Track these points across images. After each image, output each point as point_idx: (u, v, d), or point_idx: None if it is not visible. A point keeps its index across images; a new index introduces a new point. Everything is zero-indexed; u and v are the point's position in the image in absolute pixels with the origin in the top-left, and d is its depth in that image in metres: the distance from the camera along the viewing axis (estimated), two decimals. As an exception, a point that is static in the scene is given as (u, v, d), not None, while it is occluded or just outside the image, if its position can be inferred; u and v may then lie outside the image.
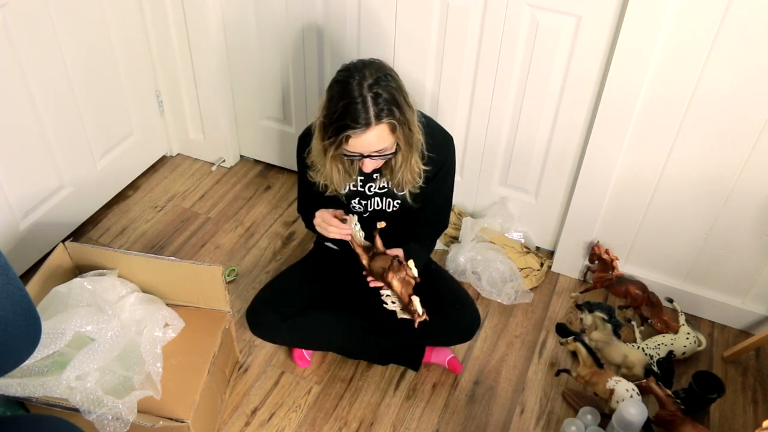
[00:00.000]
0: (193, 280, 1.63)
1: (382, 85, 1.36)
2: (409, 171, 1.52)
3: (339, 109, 1.35)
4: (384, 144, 1.40)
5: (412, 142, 1.46)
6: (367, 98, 1.34)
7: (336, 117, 1.36)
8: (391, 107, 1.36)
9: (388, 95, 1.36)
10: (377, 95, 1.35)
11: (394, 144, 1.43)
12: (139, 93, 2.27)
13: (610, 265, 1.93)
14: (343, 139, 1.37)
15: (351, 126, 1.35)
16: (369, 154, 1.41)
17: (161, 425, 1.42)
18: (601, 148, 1.81)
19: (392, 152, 1.45)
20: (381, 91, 1.36)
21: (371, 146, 1.39)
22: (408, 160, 1.49)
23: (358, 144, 1.38)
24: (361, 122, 1.34)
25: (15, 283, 0.83)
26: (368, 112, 1.34)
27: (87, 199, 2.20)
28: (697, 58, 1.58)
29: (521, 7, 1.72)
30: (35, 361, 1.45)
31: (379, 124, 1.36)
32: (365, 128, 1.35)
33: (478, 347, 1.90)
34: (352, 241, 1.58)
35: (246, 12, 2.11)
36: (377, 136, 1.38)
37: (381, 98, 1.35)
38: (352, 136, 1.36)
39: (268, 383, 1.78)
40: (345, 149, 1.40)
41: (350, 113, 1.34)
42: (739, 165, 1.69)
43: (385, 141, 1.40)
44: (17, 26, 1.74)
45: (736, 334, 1.97)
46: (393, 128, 1.39)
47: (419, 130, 1.48)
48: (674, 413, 1.59)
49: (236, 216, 2.31)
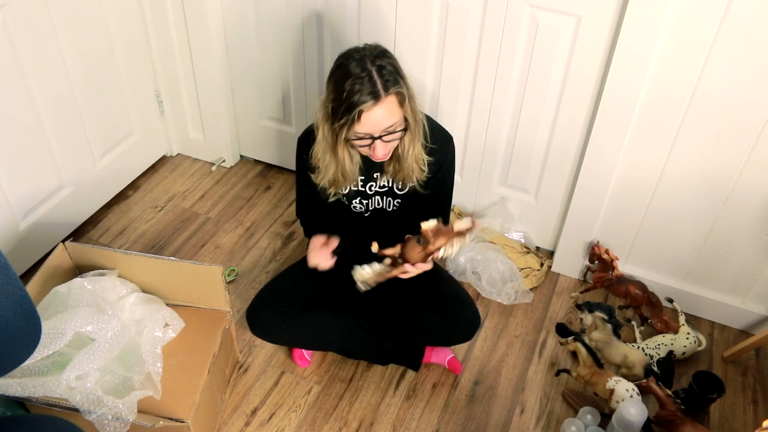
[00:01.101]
0: (193, 280, 1.63)
1: (383, 59, 1.39)
2: (414, 159, 1.52)
3: (347, 89, 1.36)
4: (394, 119, 1.40)
5: (417, 119, 1.47)
6: (372, 72, 1.36)
7: (345, 96, 1.37)
8: (396, 78, 1.39)
9: (392, 67, 1.39)
10: (381, 67, 1.37)
11: (403, 120, 1.43)
12: (139, 93, 2.27)
13: (610, 265, 1.93)
14: (356, 117, 1.36)
15: (362, 100, 1.35)
16: (380, 135, 1.41)
17: (161, 425, 1.42)
18: (601, 148, 1.82)
19: (402, 129, 1.44)
20: (384, 64, 1.38)
21: (382, 122, 1.39)
22: (414, 143, 1.49)
23: (370, 120, 1.38)
24: (372, 95, 1.35)
25: (15, 283, 0.83)
26: (376, 85, 1.36)
27: (87, 199, 2.20)
28: (697, 58, 1.58)
29: (521, 7, 1.72)
30: (35, 361, 1.45)
31: (388, 96, 1.37)
32: (376, 101, 1.36)
33: (478, 347, 1.90)
34: (382, 277, 1.54)
35: (246, 12, 2.11)
36: (387, 110, 1.38)
37: (385, 70, 1.38)
38: (365, 110, 1.36)
39: (268, 383, 1.79)
40: (356, 131, 1.40)
41: (359, 89, 1.35)
42: (739, 165, 1.69)
43: (394, 115, 1.40)
44: (17, 26, 1.74)
45: (736, 334, 1.97)
46: (401, 100, 1.40)
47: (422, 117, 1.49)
48: (674, 413, 1.59)
49: (236, 216, 2.31)
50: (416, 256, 1.48)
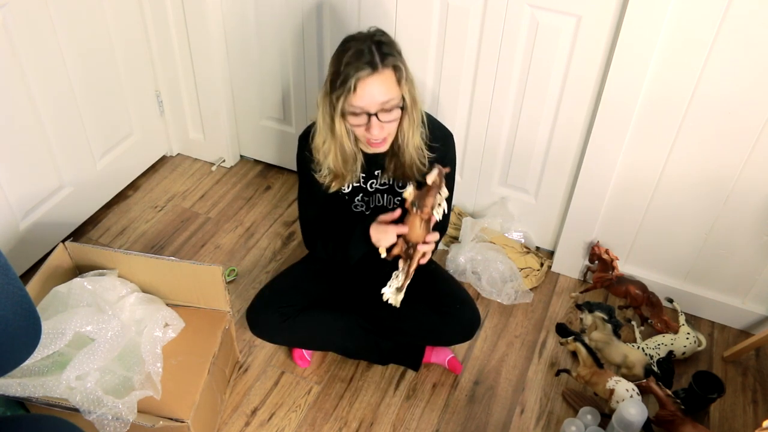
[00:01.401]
0: (193, 280, 1.63)
1: (383, 38, 1.43)
2: (414, 150, 1.52)
3: (345, 61, 1.39)
4: (390, 94, 1.41)
5: (416, 104, 1.47)
6: (371, 47, 1.40)
7: (343, 68, 1.39)
8: (394, 54, 1.41)
9: (391, 46, 1.42)
10: (380, 43, 1.41)
11: (400, 98, 1.44)
12: (139, 93, 2.27)
13: (610, 265, 1.93)
14: (352, 86, 1.38)
15: (359, 68, 1.37)
16: (376, 111, 1.41)
17: (161, 425, 1.42)
18: (601, 148, 1.82)
19: (399, 106, 1.44)
20: (384, 41, 1.42)
21: (378, 95, 1.39)
22: (413, 130, 1.49)
23: (366, 92, 1.38)
24: (369, 65, 1.38)
25: (15, 283, 0.83)
26: (374, 56, 1.38)
27: (87, 199, 2.20)
28: (697, 58, 1.58)
29: (521, 7, 1.72)
30: (35, 361, 1.45)
31: (386, 69, 1.39)
32: (372, 71, 1.37)
33: (478, 347, 1.90)
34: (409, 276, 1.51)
35: (246, 12, 2.11)
36: (384, 83, 1.39)
37: (384, 46, 1.41)
38: (361, 78, 1.37)
39: (268, 383, 1.79)
40: (352, 103, 1.40)
41: (356, 60, 1.38)
42: (739, 165, 1.69)
43: (391, 90, 1.41)
44: (17, 26, 1.74)
45: (736, 334, 1.97)
46: (399, 77, 1.42)
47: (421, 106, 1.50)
48: (674, 413, 1.59)
49: (236, 216, 2.31)
50: (419, 232, 1.47)
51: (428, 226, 1.48)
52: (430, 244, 1.49)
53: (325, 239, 1.66)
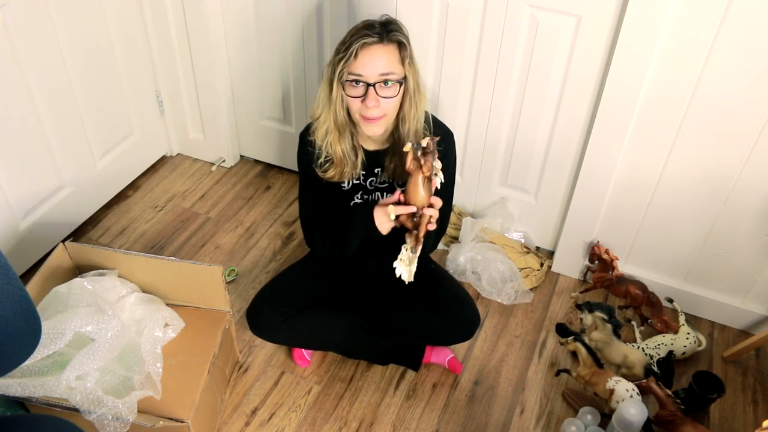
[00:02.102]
0: (193, 280, 1.63)
1: (393, 21, 1.45)
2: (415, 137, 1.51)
3: (352, 32, 1.42)
4: (392, 67, 1.42)
5: (418, 87, 1.48)
6: (377, 21, 1.44)
7: (349, 37, 1.42)
8: (400, 33, 1.43)
9: (400, 27, 1.45)
10: (389, 22, 1.44)
11: (402, 76, 1.44)
12: (139, 93, 2.27)
13: (610, 265, 1.93)
14: (354, 52, 1.39)
15: (364, 34, 1.39)
16: (375, 82, 1.41)
17: (161, 425, 1.42)
18: (601, 148, 1.82)
19: (399, 81, 1.44)
20: (393, 21, 1.45)
21: (379, 65, 1.40)
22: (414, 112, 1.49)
23: (368, 58, 1.39)
24: (376, 35, 1.40)
25: (15, 283, 0.83)
26: (382, 29, 1.42)
27: (87, 199, 2.20)
28: (697, 58, 1.58)
29: (521, 7, 1.72)
30: (35, 361, 1.45)
31: (390, 43, 1.41)
32: (377, 40, 1.39)
33: (478, 347, 1.90)
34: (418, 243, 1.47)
35: (246, 12, 2.11)
36: (386, 54, 1.41)
37: (393, 25, 1.43)
38: (364, 45, 1.39)
39: (268, 383, 1.79)
40: (352, 70, 1.40)
41: (363, 30, 1.41)
42: (739, 165, 1.69)
43: (393, 63, 1.42)
44: (17, 26, 1.74)
45: (736, 334, 1.97)
46: (402, 55, 1.43)
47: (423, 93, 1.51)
48: (674, 413, 1.59)
49: (236, 216, 2.31)
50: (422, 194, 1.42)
51: (430, 189, 1.43)
52: (435, 207, 1.44)
53: (323, 233, 1.65)
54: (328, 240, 1.63)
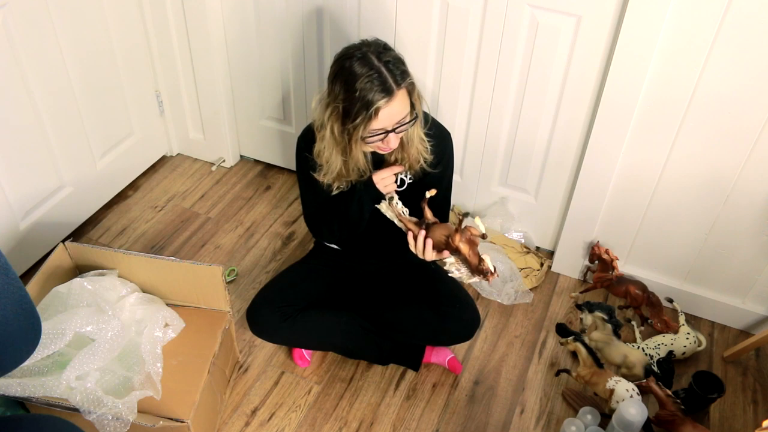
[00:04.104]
0: (193, 280, 1.63)
1: (387, 53, 1.40)
2: (419, 140, 1.53)
3: (359, 88, 1.36)
4: (405, 110, 1.42)
5: (421, 102, 1.48)
6: (381, 69, 1.37)
7: (359, 95, 1.36)
8: (403, 70, 1.40)
9: (397, 60, 1.40)
10: (388, 62, 1.38)
11: (413, 109, 1.44)
12: (139, 93, 2.27)
13: (610, 265, 1.93)
14: (372, 114, 1.37)
15: (378, 98, 1.36)
16: (393, 128, 1.41)
17: (161, 425, 1.42)
18: (601, 148, 1.82)
19: (412, 119, 1.44)
20: (389, 59, 1.39)
21: (397, 115, 1.40)
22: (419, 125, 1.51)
23: (386, 115, 1.39)
24: (386, 91, 1.36)
25: (15, 283, 0.83)
26: (387, 80, 1.37)
27: (87, 199, 2.20)
28: (697, 58, 1.58)
29: (521, 7, 1.72)
30: (35, 361, 1.45)
31: (400, 90, 1.39)
32: (390, 96, 1.37)
33: (478, 347, 1.90)
34: (401, 220, 1.52)
35: (246, 12, 2.11)
36: (401, 103, 1.40)
37: (392, 64, 1.38)
38: (381, 107, 1.36)
39: (268, 383, 1.79)
40: (371, 127, 1.40)
41: (374, 86, 1.36)
42: (739, 165, 1.69)
43: (406, 107, 1.42)
44: (17, 26, 1.74)
45: (736, 334, 1.97)
46: (410, 91, 1.42)
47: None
48: (674, 413, 1.59)
49: (236, 216, 2.31)
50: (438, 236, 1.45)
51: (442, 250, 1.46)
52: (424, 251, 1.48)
53: (329, 221, 1.65)
54: (336, 225, 1.64)
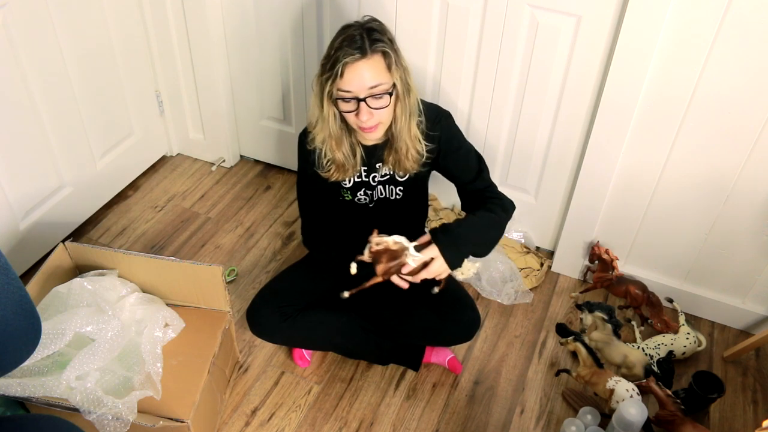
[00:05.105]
0: (193, 280, 1.63)
1: (375, 25, 1.43)
2: (410, 137, 1.51)
3: (335, 45, 1.40)
4: (379, 79, 1.40)
5: (409, 90, 1.47)
6: (363, 33, 1.40)
7: (333, 52, 1.40)
8: (384, 40, 1.41)
9: (381, 32, 1.42)
10: (371, 30, 1.41)
11: (391, 84, 1.43)
12: (139, 93, 2.27)
13: (610, 265, 1.93)
14: (339, 71, 1.38)
15: (347, 53, 1.37)
16: (365, 96, 1.40)
17: (161, 425, 1.42)
18: (601, 148, 1.82)
19: (389, 91, 1.43)
20: (375, 27, 1.42)
21: (366, 79, 1.39)
22: (407, 117, 1.49)
23: (354, 76, 1.38)
24: (358, 50, 1.38)
25: (15, 283, 0.83)
26: (363, 41, 1.39)
27: (87, 199, 2.20)
28: (697, 58, 1.58)
29: (521, 7, 1.72)
30: (35, 361, 1.45)
31: (374, 54, 1.39)
32: (360, 55, 1.37)
33: (478, 347, 1.90)
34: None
35: (246, 12, 2.11)
36: (372, 68, 1.39)
37: (375, 33, 1.41)
38: (348, 63, 1.37)
39: (268, 383, 1.79)
40: (340, 87, 1.40)
41: (346, 44, 1.39)
42: (739, 165, 1.69)
43: (380, 75, 1.41)
44: (17, 26, 1.74)
45: (736, 334, 1.97)
46: (388, 63, 1.41)
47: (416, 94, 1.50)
48: (674, 413, 1.59)
49: (236, 216, 2.31)
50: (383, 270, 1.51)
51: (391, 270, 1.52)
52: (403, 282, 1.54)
53: (328, 247, 1.67)
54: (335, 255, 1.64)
